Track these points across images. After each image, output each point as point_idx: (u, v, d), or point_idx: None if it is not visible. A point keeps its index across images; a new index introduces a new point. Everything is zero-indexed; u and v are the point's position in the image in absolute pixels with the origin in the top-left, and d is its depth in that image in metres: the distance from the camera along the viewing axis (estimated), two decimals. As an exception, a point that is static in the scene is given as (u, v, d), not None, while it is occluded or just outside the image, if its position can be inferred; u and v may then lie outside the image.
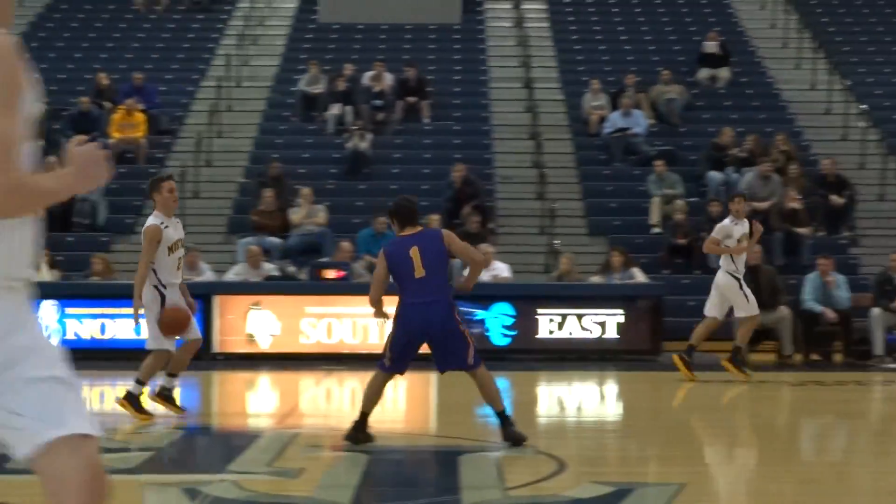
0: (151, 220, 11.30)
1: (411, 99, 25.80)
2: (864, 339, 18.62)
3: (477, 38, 30.14)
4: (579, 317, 18.64)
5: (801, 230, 21.06)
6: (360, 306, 17.06)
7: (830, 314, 18.26)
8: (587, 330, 18.66)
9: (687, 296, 20.17)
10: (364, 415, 9.71)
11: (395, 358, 9.63)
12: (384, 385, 9.80)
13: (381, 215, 18.52)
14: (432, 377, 12.40)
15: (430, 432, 11.89)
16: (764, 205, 21.44)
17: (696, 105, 26.70)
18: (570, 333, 18.68)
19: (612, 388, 16.33)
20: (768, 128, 24.57)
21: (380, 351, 9.97)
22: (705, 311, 15.29)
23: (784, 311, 18.28)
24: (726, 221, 15.30)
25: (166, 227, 11.19)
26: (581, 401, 14.80)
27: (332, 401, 14.98)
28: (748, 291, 15.14)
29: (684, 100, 26.22)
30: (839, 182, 22.41)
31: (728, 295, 15.17)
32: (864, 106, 25.84)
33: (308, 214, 21.31)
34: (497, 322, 18.46)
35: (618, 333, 18.51)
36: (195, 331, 11.62)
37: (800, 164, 22.82)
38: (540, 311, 18.72)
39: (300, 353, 18.02)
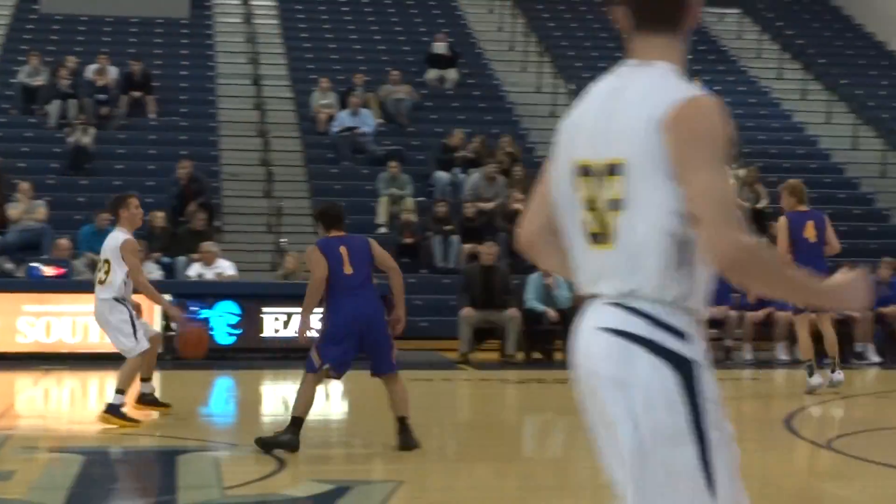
0: (123, 235, 11.40)
1: (136, 93, 25.27)
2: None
3: (205, 34, 29.75)
4: (307, 316, 18.54)
5: (526, 230, 21.44)
6: (80, 304, 16.63)
7: (552, 313, 18.68)
8: (316, 329, 18.58)
9: (414, 294, 20.32)
10: (297, 419, 9.66)
11: (334, 357, 9.71)
12: (315, 388, 9.88)
13: (103, 211, 18.06)
14: (156, 375, 12.15)
15: (151, 432, 11.64)
16: (489, 205, 21.85)
17: (424, 105, 26.98)
18: (296, 332, 18.56)
19: (337, 386, 16.31)
20: (495, 129, 25.00)
21: (100, 350, 9.78)
22: None
23: (512, 311, 18.62)
24: None
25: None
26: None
27: (49, 401, 14.52)
28: None
29: (413, 100, 26.45)
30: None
31: None
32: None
33: (27, 210, 20.66)
34: (222, 321, 18.25)
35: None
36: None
37: (524, 166, 23.29)
38: (265, 309, 18.60)
39: (17, 352, 17.43)
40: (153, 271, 18.50)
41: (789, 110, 28.81)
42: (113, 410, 10.90)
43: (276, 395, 15.25)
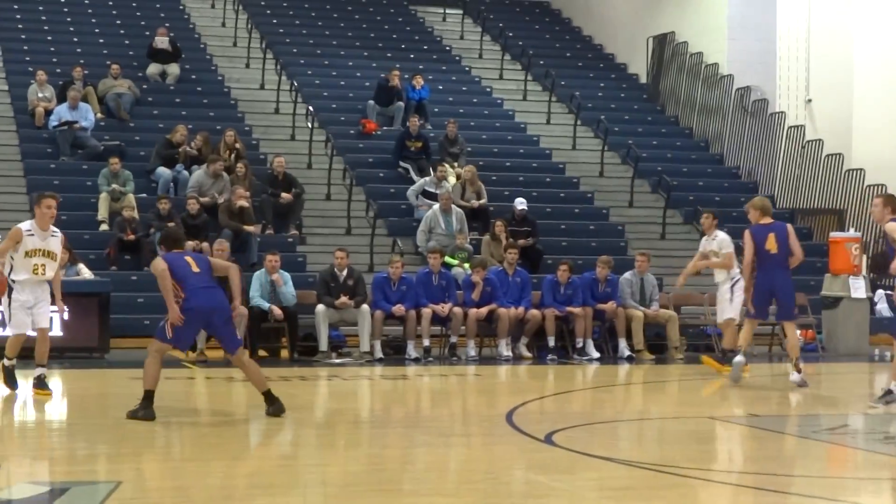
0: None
1: None
2: (309, 336, 19.14)
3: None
4: (21, 314, 18.01)
5: (250, 228, 21.34)
6: None
7: (277, 311, 18.60)
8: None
9: (135, 292, 20.00)
10: (150, 392, 11.52)
11: (179, 334, 11.70)
12: (160, 361, 11.73)
13: None
14: None
15: None
16: (213, 202, 21.63)
17: (145, 100, 26.51)
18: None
19: (57, 385, 15.85)
20: (218, 125, 24.74)
21: None
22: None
23: (241, 309, 18.38)
24: (703, 240, 17.65)
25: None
26: (24, 400, 14.28)
27: None
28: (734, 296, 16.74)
29: (134, 95, 25.96)
30: (287, 181, 22.91)
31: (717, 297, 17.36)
32: (311, 107, 26.57)
33: None
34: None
35: (63, 330, 18.01)
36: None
37: (248, 163, 23.14)
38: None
39: None
40: None
41: (511, 110, 29.43)
42: None
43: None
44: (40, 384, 13.63)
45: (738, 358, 15.19)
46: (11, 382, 13.75)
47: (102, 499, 7.56)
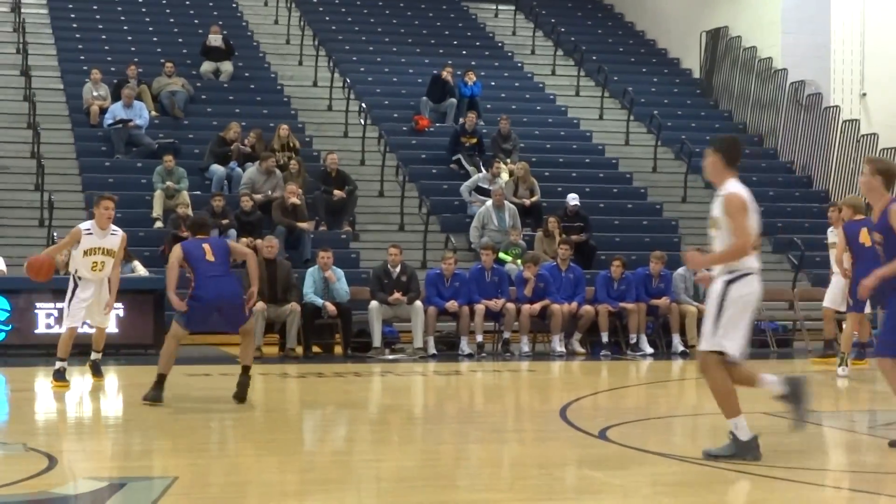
0: None
1: None
2: (363, 332, 19.20)
3: (-31, 22, 28.81)
4: (79, 311, 18.20)
5: (303, 224, 21.43)
6: None
7: (330, 307, 18.67)
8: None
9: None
10: (162, 376, 12.35)
11: (190, 319, 12.42)
12: (177, 343, 12.53)
13: None
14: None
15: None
16: (265, 199, 21.73)
17: (199, 98, 26.66)
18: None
19: (112, 382, 16.00)
20: (271, 122, 24.86)
21: None
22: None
23: (293, 305, 18.54)
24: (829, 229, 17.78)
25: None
26: (81, 396, 14.42)
27: None
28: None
29: (187, 92, 26.11)
30: (340, 177, 22.98)
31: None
32: (364, 104, 26.63)
33: None
34: (-7, 317, 17.85)
35: (118, 327, 18.18)
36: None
37: (301, 160, 23.23)
38: (39, 305, 18.19)
39: None
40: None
41: (563, 106, 29.38)
42: None
43: (49, 393, 14.86)
44: (95, 369, 14.77)
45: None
46: (61, 381, 14.13)
47: (159, 494, 7.61)
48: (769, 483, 8.37)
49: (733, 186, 8.94)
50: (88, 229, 13.91)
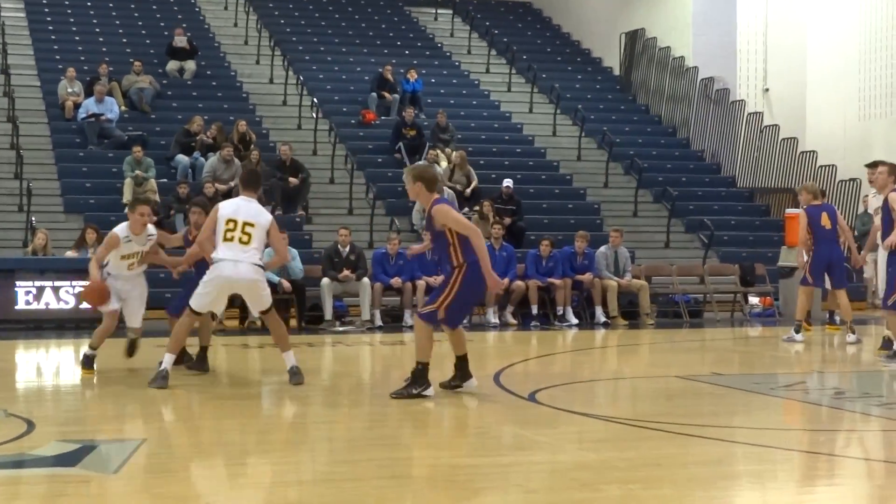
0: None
1: None
2: (315, 306, 19.13)
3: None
4: (56, 289, 18.05)
5: (261, 209, 21.28)
6: None
7: (286, 284, 18.59)
8: (63, 301, 18.10)
9: (158, 268, 19.91)
10: (203, 348, 12.33)
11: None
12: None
13: None
14: None
15: None
16: (225, 187, 21.56)
17: (165, 94, 26.45)
18: (48, 304, 18.06)
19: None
20: (231, 116, 24.72)
21: None
22: None
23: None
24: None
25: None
26: (58, 367, 14.29)
27: None
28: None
29: (154, 89, 25.91)
30: (295, 166, 22.88)
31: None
32: (315, 99, 26.52)
33: None
34: (-25, 295, 17.63)
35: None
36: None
37: (258, 150, 23.10)
38: (18, 283, 18.01)
39: None
40: None
41: (497, 101, 29.38)
42: None
43: (29, 364, 14.73)
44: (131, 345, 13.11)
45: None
46: (88, 367, 12.74)
47: (128, 455, 7.55)
48: (684, 439, 8.42)
49: None
50: (127, 236, 12.26)
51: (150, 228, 12.44)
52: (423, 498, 6.69)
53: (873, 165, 13.89)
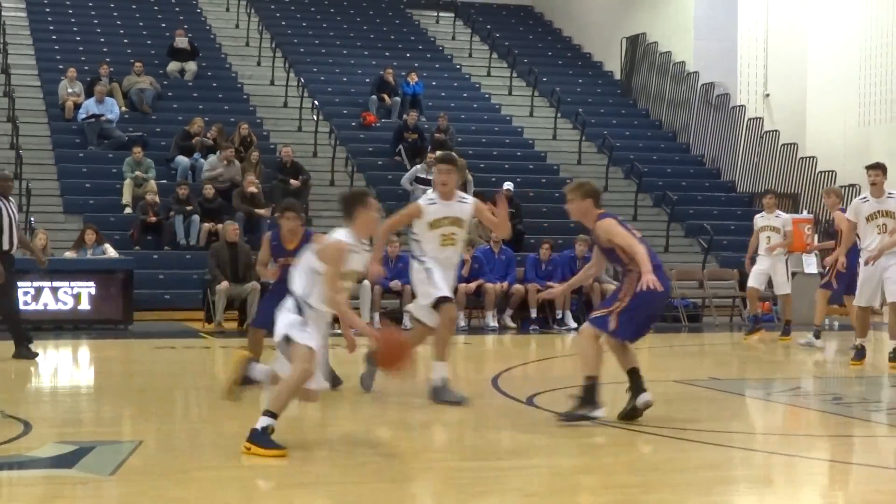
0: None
1: None
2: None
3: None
4: (54, 289, 18.05)
5: (260, 211, 21.32)
6: None
7: (277, 283, 18.57)
8: (62, 301, 18.09)
9: (158, 269, 20.02)
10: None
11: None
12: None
13: None
14: None
15: None
16: (226, 187, 21.61)
17: (166, 95, 26.44)
18: (46, 305, 18.06)
19: (85, 355, 15.87)
20: (232, 118, 24.73)
21: None
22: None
23: (254, 284, 18.46)
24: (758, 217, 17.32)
25: None
26: (56, 368, 14.28)
27: None
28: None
29: (155, 90, 25.91)
30: (295, 168, 22.88)
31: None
32: (316, 101, 26.52)
33: None
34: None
35: (91, 304, 18.05)
36: None
37: (259, 151, 23.11)
38: (17, 283, 17.93)
39: None
40: None
41: (498, 104, 29.37)
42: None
43: (25, 364, 14.69)
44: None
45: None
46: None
47: (126, 456, 7.54)
48: (682, 444, 8.42)
49: None
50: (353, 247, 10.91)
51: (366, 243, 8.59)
52: (421, 502, 6.68)
53: (875, 167, 13.82)
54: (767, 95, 30.08)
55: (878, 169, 13.72)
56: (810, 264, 21.00)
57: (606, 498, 6.67)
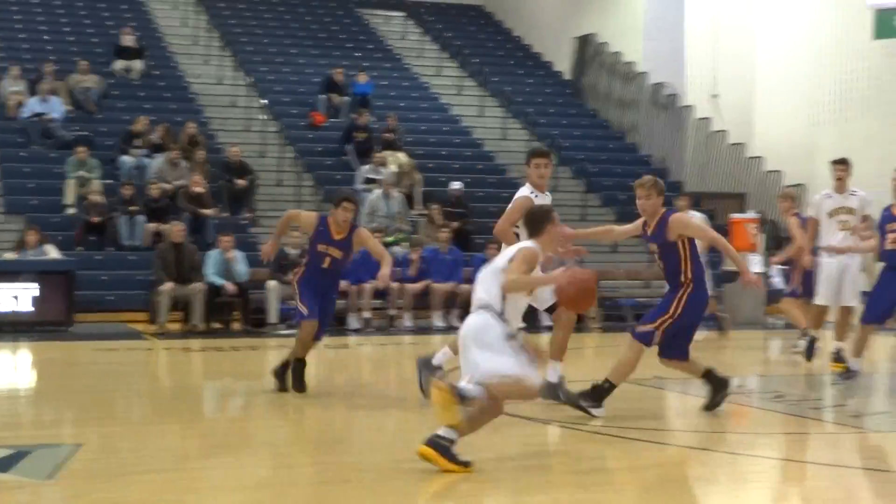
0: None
1: None
2: (259, 309, 19.03)
3: None
4: (-6, 290, 17.89)
5: (206, 211, 21.20)
6: None
7: (230, 287, 18.50)
8: (2, 303, 17.91)
9: (101, 270, 19.85)
10: (299, 360, 11.08)
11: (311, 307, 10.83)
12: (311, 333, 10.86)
13: None
14: None
15: None
16: (171, 187, 21.46)
17: (111, 94, 26.22)
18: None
19: (26, 357, 15.70)
20: (178, 117, 24.54)
21: None
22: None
23: (199, 285, 18.36)
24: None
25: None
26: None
27: None
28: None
29: (101, 89, 25.69)
30: (242, 168, 22.78)
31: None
32: (265, 100, 26.40)
33: None
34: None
35: (32, 306, 17.87)
36: None
37: (206, 152, 22.98)
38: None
39: None
40: None
41: (447, 104, 29.37)
42: None
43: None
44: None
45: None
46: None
47: (63, 460, 7.46)
48: (622, 443, 8.45)
49: None
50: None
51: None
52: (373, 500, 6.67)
53: (842, 163, 13.50)
54: (715, 96, 30.28)
55: (843, 164, 13.36)
56: (754, 263, 21.14)
57: (554, 496, 6.67)
